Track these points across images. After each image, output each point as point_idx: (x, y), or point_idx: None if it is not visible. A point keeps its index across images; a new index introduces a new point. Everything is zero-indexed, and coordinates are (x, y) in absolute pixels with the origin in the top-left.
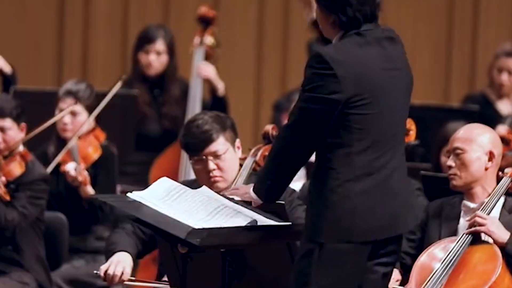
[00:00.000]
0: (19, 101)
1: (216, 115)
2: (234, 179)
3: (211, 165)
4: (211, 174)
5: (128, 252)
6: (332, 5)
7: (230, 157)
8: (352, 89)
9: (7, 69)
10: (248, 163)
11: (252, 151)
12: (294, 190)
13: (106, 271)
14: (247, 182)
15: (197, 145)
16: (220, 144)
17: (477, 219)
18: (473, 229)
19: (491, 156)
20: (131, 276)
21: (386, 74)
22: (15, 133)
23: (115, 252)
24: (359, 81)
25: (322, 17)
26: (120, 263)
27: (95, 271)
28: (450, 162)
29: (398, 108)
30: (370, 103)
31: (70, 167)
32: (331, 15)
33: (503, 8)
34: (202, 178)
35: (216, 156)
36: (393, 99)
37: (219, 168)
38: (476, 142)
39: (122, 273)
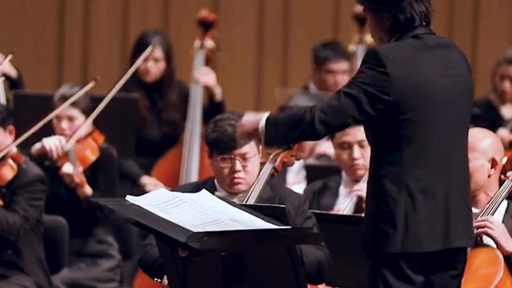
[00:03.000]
0: (7, 106)
1: None
2: (253, 184)
3: (238, 166)
4: (235, 175)
5: None
6: (386, 7)
7: (255, 161)
8: (402, 91)
9: (12, 73)
10: (267, 168)
11: (271, 156)
12: (306, 199)
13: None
14: (264, 188)
15: (230, 144)
16: (250, 147)
17: (487, 223)
18: (481, 230)
19: (494, 163)
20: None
21: (440, 81)
22: (2, 137)
23: None
24: (411, 84)
25: (376, 24)
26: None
27: (156, 278)
28: None
29: (452, 117)
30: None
31: (67, 169)
32: (389, 19)
33: (503, 13)
34: (223, 177)
35: (244, 158)
36: (446, 108)
37: (244, 170)
38: (478, 150)
39: None
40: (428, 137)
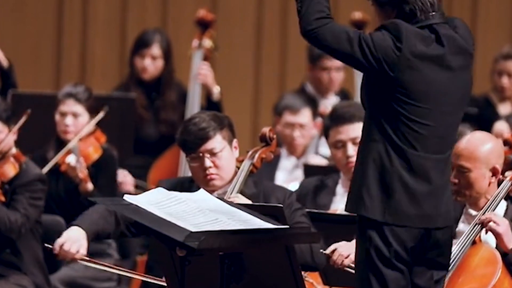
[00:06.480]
0: (10, 104)
1: (214, 114)
2: (231, 180)
3: (207, 162)
4: (207, 172)
5: (84, 230)
6: (391, 0)
7: (226, 155)
8: (406, 73)
9: (4, 63)
10: (246, 165)
11: (250, 153)
12: (292, 192)
13: (61, 246)
14: (244, 184)
15: (194, 142)
16: (216, 141)
17: (492, 217)
18: (488, 226)
19: (495, 171)
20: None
21: (445, 75)
22: (6, 136)
23: (73, 226)
24: (416, 71)
25: (382, 17)
26: (76, 242)
27: (46, 244)
28: (454, 179)
29: (450, 111)
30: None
31: (70, 159)
32: (393, 11)
33: (502, 11)
34: (198, 176)
35: (212, 153)
36: (446, 102)
37: (215, 165)
38: (480, 159)
39: (77, 252)
40: (422, 121)
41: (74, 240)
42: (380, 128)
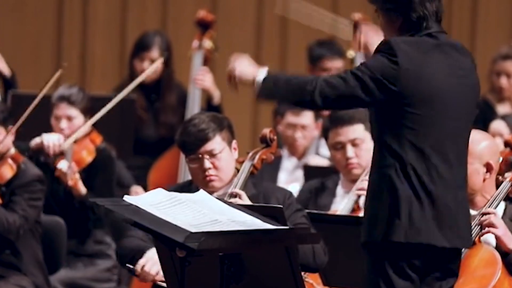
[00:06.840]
0: (9, 105)
1: (213, 115)
2: (230, 181)
3: (207, 163)
4: (206, 173)
5: None
6: (398, 7)
7: (226, 156)
8: (409, 84)
9: (6, 71)
10: (246, 166)
11: (250, 154)
12: (291, 193)
13: (142, 267)
14: (244, 186)
15: (193, 144)
16: (216, 143)
17: (492, 219)
18: (486, 230)
19: (489, 167)
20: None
21: (450, 80)
22: (3, 137)
23: (147, 250)
24: (419, 79)
25: (386, 24)
26: (157, 263)
27: (128, 265)
28: None
29: (458, 117)
30: (428, 105)
31: (62, 165)
32: (398, 18)
33: (501, 13)
34: (198, 177)
35: (212, 155)
36: (453, 107)
37: (214, 167)
38: (473, 155)
39: (157, 274)
40: (432, 134)
41: (155, 261)
42: (390, 153)
